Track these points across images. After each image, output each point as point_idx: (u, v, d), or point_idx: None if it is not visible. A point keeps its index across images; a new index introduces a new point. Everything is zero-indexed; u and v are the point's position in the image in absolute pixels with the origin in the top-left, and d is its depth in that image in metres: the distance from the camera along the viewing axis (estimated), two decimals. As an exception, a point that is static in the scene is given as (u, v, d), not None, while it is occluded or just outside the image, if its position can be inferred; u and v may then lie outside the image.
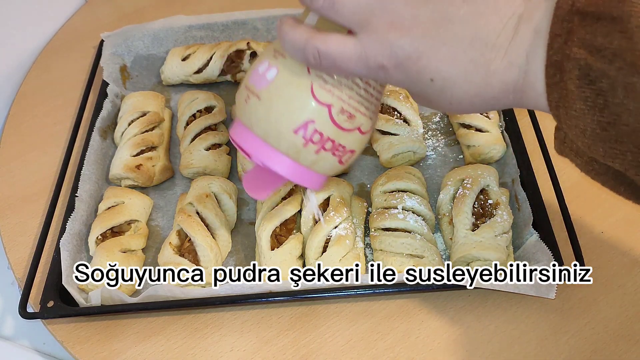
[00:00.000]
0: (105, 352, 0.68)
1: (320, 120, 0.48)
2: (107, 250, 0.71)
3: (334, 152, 0.50)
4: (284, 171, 0.50)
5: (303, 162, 0.50)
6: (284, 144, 0.48)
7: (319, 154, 0.49)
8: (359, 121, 0.50)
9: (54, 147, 0.92)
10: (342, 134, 0.49)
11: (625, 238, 0.74)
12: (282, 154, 0.49)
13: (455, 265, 0.70)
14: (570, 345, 0.65)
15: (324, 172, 0.52)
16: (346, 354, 0.66)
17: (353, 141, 0.51)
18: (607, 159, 0.38)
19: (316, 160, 0.50)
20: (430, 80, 0.43)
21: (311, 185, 0.53)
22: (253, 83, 0.49)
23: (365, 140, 0.53)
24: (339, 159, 0.51)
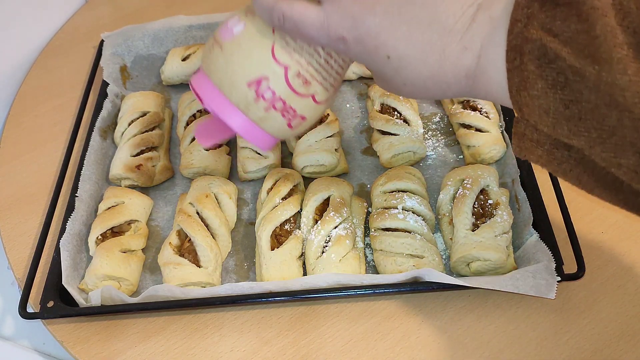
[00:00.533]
0: (105, 352, 0.68)
1: (274, 79, 0.49)
2: (107, 250, 0.71)
3: (283, 114, 0.51)
4: (231, 121, 0.52)
5: (252, 117, 0.51)
6: (235, 95, 0.50)
7: (269, 111, 0.51)
8: (314, 89, 0.51)
9: (54, 147, 0.92)
10: (294, 97, 0.51)
11: (625, 238, 0.74)
12: (233, 105, 0.51)
13: (456, 265, 0.70)
14: (570, 345, 0.65)
15: (272, 132, 0.54)
16: (346, 354, 0.66)
17: (305, 107, 0.52)
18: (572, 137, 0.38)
19: (265, 118, 0.51)
20: (387, 57, 0.44)
21: (257, 142, 0.54)
22: (220, 34, 0.52)
23: (319, 110, 0.54)
24: (289, 122, 0.53)
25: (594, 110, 0.36)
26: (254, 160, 0.82)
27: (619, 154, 0.36)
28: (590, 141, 0.37)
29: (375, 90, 0.89)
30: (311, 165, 0.82)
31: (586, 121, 0.36)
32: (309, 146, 0.82)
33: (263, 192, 0.79)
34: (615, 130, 0.35)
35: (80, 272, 0.73)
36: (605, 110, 0.35)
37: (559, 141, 0.39)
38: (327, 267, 0.68)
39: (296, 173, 0.80)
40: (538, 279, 0.64)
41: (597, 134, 0.36)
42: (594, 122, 0.36)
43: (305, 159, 0.81)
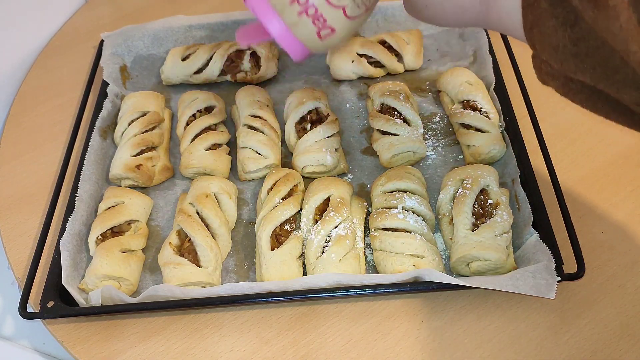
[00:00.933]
0: (105, 352, 0.68)
1: None
2: (107, 250, 0.71)
3: (314, 21, 0.54)
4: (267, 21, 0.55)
5: (286, 20, 0.55)
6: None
7: (301, 16, 0.54)
8: (345, 1, 0.54)
9: (54, 147, 0.92)
10: (326, 6, 0.54)
11: (625, 238, 0.74)
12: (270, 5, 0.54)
13: (456, 265, 0.70)
14: (570, 345, 0.65)
15: (302, 38, 0.56)
16: (346, 354, 0.66)
17: (335, 18, 0.55)
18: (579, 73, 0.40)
19: (297, 22, 0.54)
20: None
21: (289, 47, 0.57)
22: None
23: (349, 25, 0.56)
24: (318, 31, 0.55)
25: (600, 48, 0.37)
26: (254, 160, 0.82)
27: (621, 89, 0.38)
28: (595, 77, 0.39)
29: (375, 90, 0.89)
30: (311, 165, 0.82)
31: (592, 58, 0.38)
32: (309, 146, 0.82)
33: (263, 192, 0.79)
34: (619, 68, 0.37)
35: (80, 272, 0.73)
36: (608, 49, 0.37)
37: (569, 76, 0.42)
38: (327, 267, 0.68)
39: (296, 173, 0.80)
40: (538, 279, 0.64)
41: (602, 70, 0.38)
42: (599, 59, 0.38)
43: (305, 159, 0.81)
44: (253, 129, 0.86)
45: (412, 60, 0.96)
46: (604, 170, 0.81)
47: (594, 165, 0.82)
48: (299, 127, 0.86)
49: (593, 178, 0.80)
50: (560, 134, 0.85)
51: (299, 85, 0.98)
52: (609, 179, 0.80)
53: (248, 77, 0.97)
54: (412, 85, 0.96)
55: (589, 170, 0.81)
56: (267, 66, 0.96)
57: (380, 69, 0.97)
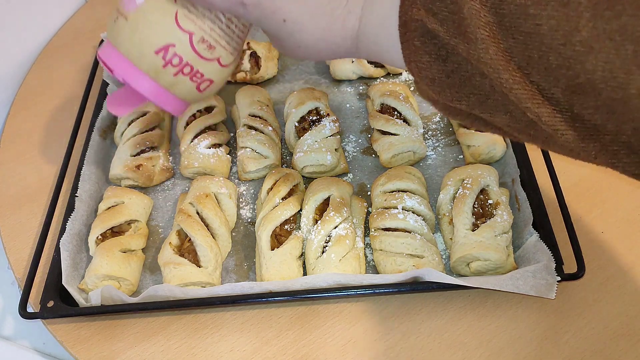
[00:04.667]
0: (105, 352, 0.68)
1: (180, 46, 0.52)
2: (107, 250, 0.71)
3: (192, 78, 0.54)
4: (143, 88, 0.54)
5: (162, 83, 0.54)
6: (144, 63, 0.53)
7: (177, 77, 0.54)
8: (218, 52, 0.54)
9: (54, 147, 0.92)
10: (201, 62, 0.54)
11: (625, 238, 0.74)
12: (143, 72, 0.53)
13: (455, 265, 0.70)
14: (570, 345, 0.65)
15: (182, 96, 0.56)
16: (346, 354, 0.66)
17: (212, 70, 0.55)
18: (455, 102, 0.43)
19: (174, 83, 0.54)
20: (283, 20, 0.48)
21: (169, 107, 0.57)
22: (124, 5, 0.53)
23: (225, 73, 0.57)
24: (197, 85, 0.55)
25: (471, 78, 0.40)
26: (254, 160, 0.82)
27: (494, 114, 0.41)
28: (470, 104, 0.42)
29: (375, 90, 0.89)
30: (311, 165, 0.82)
31: (465, 87, 0.41)
32: (309, 146, 0.82)
33: (263, 192, 0.79)
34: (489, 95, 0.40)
35: (80, 272, 0.73)
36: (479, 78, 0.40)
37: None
38: (327, 267, 0.68)
39: (296, 173, 0.80)
40: (538, 279, 0.64)
41: (475, 97, 0.41)
42: (471, 88, 0.41)
43: (305, 159, 0.81)
44: (253, 129, 0.86)
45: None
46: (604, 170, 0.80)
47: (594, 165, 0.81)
48: (299, 127, 0.86)
49: (593, 178, 0.80)
50: (560, 134, 0.85)
51: (299, 85, 0.98)
52: (609, 179, 0.80)
53: (248, 77, 0.97)
54: (412, 85, 0.96)
55: (589, 170, 0.81)
56: (267, 66, 0.96)
57: (380, 69, 0.97)
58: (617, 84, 0.33)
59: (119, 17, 0.53)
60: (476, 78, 0.40)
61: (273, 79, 0.99)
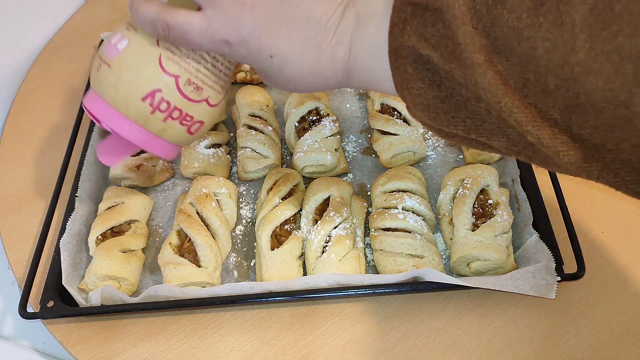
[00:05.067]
0: (105, 352, 0.68)
1: (167, 90, 0.51)
2: (107, 250, 0.71)
3: (181, 122, 0.53)
4: (132, 137, 0.52)
5: (151, 130, 0.52)
6: (132, 111, 0.51)
7: (167, 122, 0.52)
8: (206, 93, 0.53)
9: (54, 147, 0.92)
10: (189, 105, 0.52)
11: (625, 238, 0.74)
12: (131, 120, 0.51)
13: (455, 265, 0.70)
14: (570, 345, 0.65)
15: (173, 140, 0.55)
16: (346, 354, 0.66)
17: (201, 112, 0.54)
18: (451, 127, 0.42)
19: (164, 128, 0.53)
20: (270, 57, 0.47)
21: (161, 153, 0.55)
22: (105, 53, 0.52)
23: (215, 113, 0.55)
24: (188, 129, 0.54)
25: (467, 103, 0.40)
26: (254, 160, 0.82)
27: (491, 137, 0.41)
28: (466, 129, 0.41)
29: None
30: (311, 165, 0.82)
31: (461, 112, 0.41)
32: (309, 146, 0.82)
33: (263, 192, 0.79)
34: (485, 119, 0.39)
35: (80, 272, 0.73)
36: (475, 102, 0.39)
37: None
38: (327, 267, 0.68)
39: (296, 173, 0.80)
40: (538, 279, 0.64)
41: (471, 122, 0.41)
42: (467, 113, 0.40)
43: (305, 159, 0.81)
44: (253, 129, 0.86)
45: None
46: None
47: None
48: (299, 127, 0.86)
49: (593, 178, 0.80)
50: (560, 134, 0.85)
51: (299, 85, 0.98)
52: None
53: (248, 77, 0.97)
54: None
55: (589, 170, 0.81)
56: (267, 66, 0.96)
57: (380, 69, 0.97)
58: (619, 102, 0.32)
59: (102, 65, 0.52)
60: (472, 102, 0.39)
61: (273, 79, 0.99)
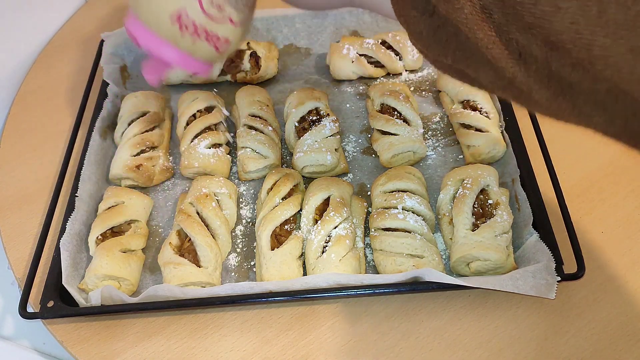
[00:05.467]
0: (105, 352, 0.68)
1: (192, 10, 0.56)
2: (107, 250, 0.71)
3: (208, 40, 0.58)
4: (167, 56, 0.58)
5: (182, 48, 0.58)
6: (163, 31, 0.57)
7: (195, 41, 0.58)
8: (228, 12, 0.58)
9: (54, 147, 0.92)
10: (213, 24, 0.57)
11: (625, 238, 0.74)
12: (164, 40, 0.57)
13: (455, 265, 0.70)
14: (570, 345, 0.65)
15: (204, 58, 0.60)
16: (346, 354, 0.66)
17: (225, 30, 0.59)
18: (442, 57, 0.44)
19: (194, 47, 0.58)
20: None
21: (194, 69, 0.61)
22: None
23: (239, 32, 0.61)
24: (215, 47, 0.59)
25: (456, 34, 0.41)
26: (254, 160, 0.82)
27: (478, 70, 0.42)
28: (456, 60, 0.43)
29: (375, 90, 0.89)
30: (311, 165, 0.82)
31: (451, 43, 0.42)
32: (309, 146, 0.82)
33: (263, 192, 0.79)
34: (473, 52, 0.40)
35: (80, 272, 0.73)
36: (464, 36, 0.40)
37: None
38: (327, 267, 0.68)
39: (296, 173, 0.80)
40: (538, 279, 0.64)
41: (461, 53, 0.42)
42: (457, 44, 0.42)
43: (305, 159, 0.81)
44: (253, 129, 0.86)
45: (412, 60, 0.96)
46: (603, 170, 0.81)
47: (594, 165, 0.82)
48: (299, 127, 0.86)
49: (593, 178, 0.80)
50: (560, 134, 0.85)
51: (299, 85, 0.98)
52: (609, 179, 0.80)
53: (248, 77, 0.97)
54: (412, 85, 0.96)
55: (589, 170, 0.81)
56: (267, 66, 0.96)
57: (380, 69, 0.97)
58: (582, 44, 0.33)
59: None
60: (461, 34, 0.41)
61: (273, 79, 0.99)
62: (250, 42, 0.98)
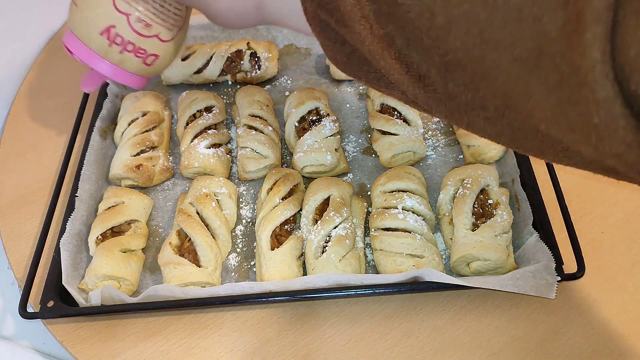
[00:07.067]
0: (105, 352, 0.68)
1: (120, 26, 0.60)
2: (107, 250, 0.71)
3: (136, 54, 0.62)
4: (97, 66, 0.63)
5: (112, 60, 0.62)
6: (93, 44, 0.62)
7: (123, 54, 0.62)
8: (156, 29, 0.62)
9: (54, 147, 0.92)
10: (141, 39, 0.62)
11: (625, 238, 0.74)
12: (94, 52, 0.62)
13: (456, 265, 0.70)
14: (570, 345, 0.65)
15: (134, 70, 0.64)
16: (346, 354, 0.66)
17: (153, 46, 0.63)
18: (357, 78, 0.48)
19: (122, 60, 0.62)
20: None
21: (126, 82, 0.65)
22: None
23: (169, 47, 0.64)
24: (144, 61, 0.63)
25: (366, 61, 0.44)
26: (254, 160, 0.82)
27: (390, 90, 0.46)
28: (370, 81, 0.47)
29: (375, 90, 0.89)
30: (311, 165, 0.82)
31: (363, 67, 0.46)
32: (309, 146, 0.82)
33: (263, 192, 0.79)
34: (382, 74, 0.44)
35: (80, 272, 0.73)
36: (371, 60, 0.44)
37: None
38: (327, 267, 0.68)
39: (296, 173, 0.80)
40: (538, 279, 0.64)
41: (373, 75, 0.45)
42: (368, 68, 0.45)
43: (305, 159, 0.81)
44: (253, 129, 0.86)
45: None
46: (604, 170, 0.81)
47: (594, 165, 0.82)
48: (299, 127, 0.86)
49: (593, 178, 0.80)
50: (560, 134, 0.85)
51: (299, 85, 0.98)
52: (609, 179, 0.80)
53: (248, 77, 0.97)
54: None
55: (589, 170, 0.81)
56: (267, 66, 0.96)
57: (380, 69, 0.97)
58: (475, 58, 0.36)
59: (72, 4, 0.62)
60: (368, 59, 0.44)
61: (273, 79, 0.99)
62: (250, 42, 0.98)
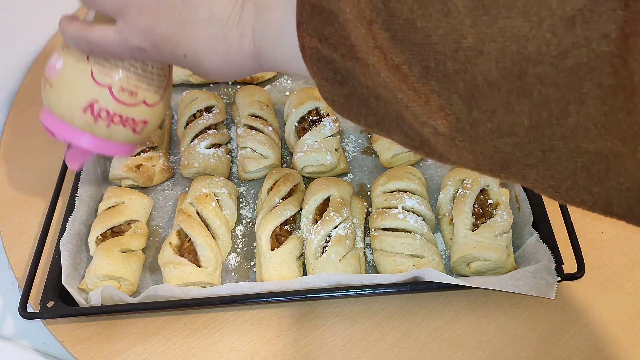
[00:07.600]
0: (105, 352, 0.68)
1: (103, 100, 0.55)
2: (107, 250, 0.71)
3: (124, 124, 0.57)
4: (84, 144, 0.57)
5: (99, 135, 0.57)
6: (77, 122, 0.56)
7: (111, 127, 0.57)
8: (142, 96, 0.57)
9: (54, 147, 0.92)
10: (127, 109, 0.56)
11: (625, 238, 0.74)
12: (79, 130, 0.57)
13: (456, 265, 0.70)
14: (570, 345, 0.65)
15: (122, 141, 0.59)
16: (346, 354, 0.66)
17: (141, 113, 0.58)
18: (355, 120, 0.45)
19: (110, 133, 0.57)
20: (184, 55, 0.50)
21: (115, 153, 0.60)
22: (47, 73, 0.57)
23: (156, 111, 0.59)
24: (132, 129, 0.58)
25: (367, 101, 0.42)
26: (254, 160, 0.82)
27: (391, 132, 0.44)
28: (369, 124, 0.44)
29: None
30: (311, 165, 0.82)
31: (362, 109, 0.43)
32: (309, 146, 0.82)
33: (263, 192, 0.79)
34: (384, 116, 0.42)
35: (80, 272, 0.73)
36: (375, 101, 0.42)
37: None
38: (327, 267, 0.68)
39: (296, 173, 0.80)
40: (538, 279, 0.64)
41: (373, 118, 0.43)
42: (368, 110, 0.43)
43: (305, 159, 0.81)
44: (253, 129, 0.86)
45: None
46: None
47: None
48: (299, 127, 0.86)
49: (593, 178, 0.80)
50: (560, 134, 0.85)
51: (299, 85, 0.98)
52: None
53: (248, 77, 0.97)
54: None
55: (589, 170, 0.81)
56: (267, 66, 0.96)
57: (380, 69, 0.97)
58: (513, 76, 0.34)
59: (46, 85, 0.57)
60: (372, 101, 0.42)
61: (273, 79, 0.99)
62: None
